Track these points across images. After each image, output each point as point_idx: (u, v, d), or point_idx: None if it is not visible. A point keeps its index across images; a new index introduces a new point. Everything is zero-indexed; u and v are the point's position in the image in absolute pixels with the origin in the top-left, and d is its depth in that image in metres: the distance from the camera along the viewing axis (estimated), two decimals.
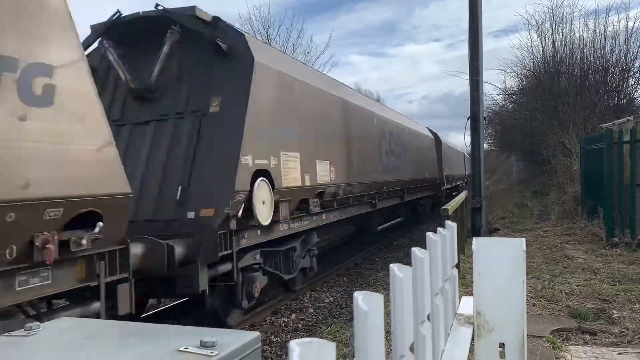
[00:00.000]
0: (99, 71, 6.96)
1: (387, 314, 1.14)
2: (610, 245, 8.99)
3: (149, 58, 6.59)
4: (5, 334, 1.69)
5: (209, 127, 6.20)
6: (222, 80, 6.36)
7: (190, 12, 6.49)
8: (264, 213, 6.33)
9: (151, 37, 6.59)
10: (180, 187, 5.90)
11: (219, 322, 6.42)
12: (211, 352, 1.41)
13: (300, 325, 7.29)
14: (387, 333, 1.18)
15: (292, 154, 7.41)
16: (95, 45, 7.03)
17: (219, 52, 6.40)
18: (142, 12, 6.73)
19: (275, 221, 6.80)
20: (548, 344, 4.73)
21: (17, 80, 3.44)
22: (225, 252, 5.77)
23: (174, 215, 5.78)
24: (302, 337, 6.78)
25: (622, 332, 5.10)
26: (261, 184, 6.30)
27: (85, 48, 6.56)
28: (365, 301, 0.66)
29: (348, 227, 11.96)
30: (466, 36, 12.19)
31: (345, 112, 10.16)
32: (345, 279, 10.24)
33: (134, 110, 6.72)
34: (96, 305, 4.18)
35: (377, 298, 0.69)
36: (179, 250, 5.26)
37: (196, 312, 7.07)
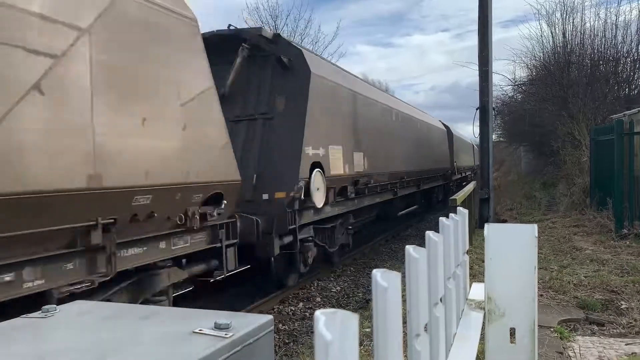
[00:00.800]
0: None
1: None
2: (619, 237, 8.97)
3: (222, 69, 7.45)
4: (23, 316, 1.73)
5: (275, 127, 7.69)
6: (285, 88, 7.88)
7: (257, 32, 7.96)
8: (319, 197, 7.86)
9: (224, 51, 7.61)
10: (255, 175, 7.34)
11: (280, 284, 8.04)
12: (225, 334, 1.43)
13: (307, 313, 7.34)
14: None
15: (336, 147, 8.89)
16: None
17: (282, 64, 7.81)
18: (217, 30, 8.04)
19: (324, 204, 8.35)
20: (556, 334, 4.74)
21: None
22: (291, 227, 7.37)
23: (251, 197, 7.23)
24: (309, 325, 6.88)
25: (630, 323, 5.10)
26: (317, 173, 7.77)
27: None
28: (385, 278, 0.68)
29: (373, 212, 12.74)
30: (475, 27, 12.12)
31: (373, 110, 11.49)
32: (352, 268, 10.27)
33: None
34: (215, 262, 5.63)
35: (395, 275, 0.71)
36: (261, 223, 6.95)
37: (263, 275, 8.12)
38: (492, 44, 12.53)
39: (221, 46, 7.55)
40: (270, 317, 1.61)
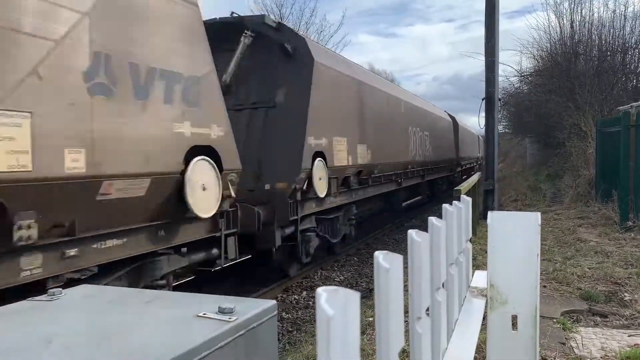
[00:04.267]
0: None
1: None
2: (624, 229, 8.94)
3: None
4: (29, 299, 1.75)
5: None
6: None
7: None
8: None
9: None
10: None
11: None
12: (229, 318, 1.45)
13: (311, 302, 7.38)
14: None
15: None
16: None
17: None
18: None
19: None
20: (558, 325, 4.75)
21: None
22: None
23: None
24: (313, 314, 6.92)
25: (633, 314, 5.10)
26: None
27: None
28: (387, 259, 0.68)
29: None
30: (480, 17, 12.04)
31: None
32: (356, 258, 10.30)
33: None
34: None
35: (397, 257, 0.71)
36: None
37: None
38: (499, 34, 12.43)
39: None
40: (273, 302, 1.63)
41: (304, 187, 7.34)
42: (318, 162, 7.60)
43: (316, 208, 8.09)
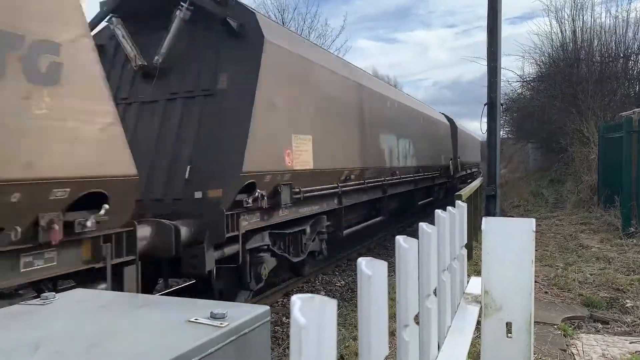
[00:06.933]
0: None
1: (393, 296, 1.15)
2: (626, 235, 8.91)
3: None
4: (22, 302, 1.75)
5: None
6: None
7: None
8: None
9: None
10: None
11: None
12: (221, 323, 1.44)
13: None
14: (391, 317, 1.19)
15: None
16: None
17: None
18: None
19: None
20: (559, 332, 4.74)
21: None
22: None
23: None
24: None
25: (635, 321, 5.08)
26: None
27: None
28: (369, 266, 0.67)
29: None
30: (481, 23, 12.05)
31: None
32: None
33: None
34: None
35: (381, 264, 0.70)
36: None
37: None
38: (501, 39, 12.43)
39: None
40: (266, 307, 1.61)
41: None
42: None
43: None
